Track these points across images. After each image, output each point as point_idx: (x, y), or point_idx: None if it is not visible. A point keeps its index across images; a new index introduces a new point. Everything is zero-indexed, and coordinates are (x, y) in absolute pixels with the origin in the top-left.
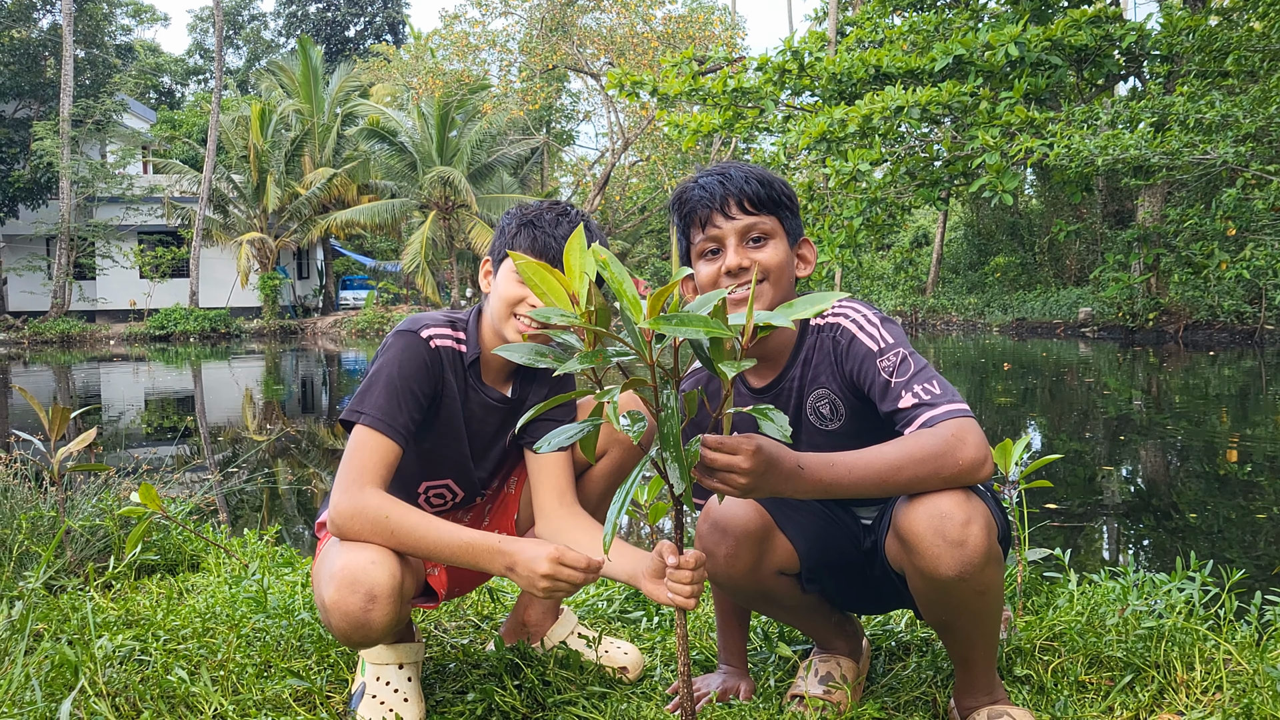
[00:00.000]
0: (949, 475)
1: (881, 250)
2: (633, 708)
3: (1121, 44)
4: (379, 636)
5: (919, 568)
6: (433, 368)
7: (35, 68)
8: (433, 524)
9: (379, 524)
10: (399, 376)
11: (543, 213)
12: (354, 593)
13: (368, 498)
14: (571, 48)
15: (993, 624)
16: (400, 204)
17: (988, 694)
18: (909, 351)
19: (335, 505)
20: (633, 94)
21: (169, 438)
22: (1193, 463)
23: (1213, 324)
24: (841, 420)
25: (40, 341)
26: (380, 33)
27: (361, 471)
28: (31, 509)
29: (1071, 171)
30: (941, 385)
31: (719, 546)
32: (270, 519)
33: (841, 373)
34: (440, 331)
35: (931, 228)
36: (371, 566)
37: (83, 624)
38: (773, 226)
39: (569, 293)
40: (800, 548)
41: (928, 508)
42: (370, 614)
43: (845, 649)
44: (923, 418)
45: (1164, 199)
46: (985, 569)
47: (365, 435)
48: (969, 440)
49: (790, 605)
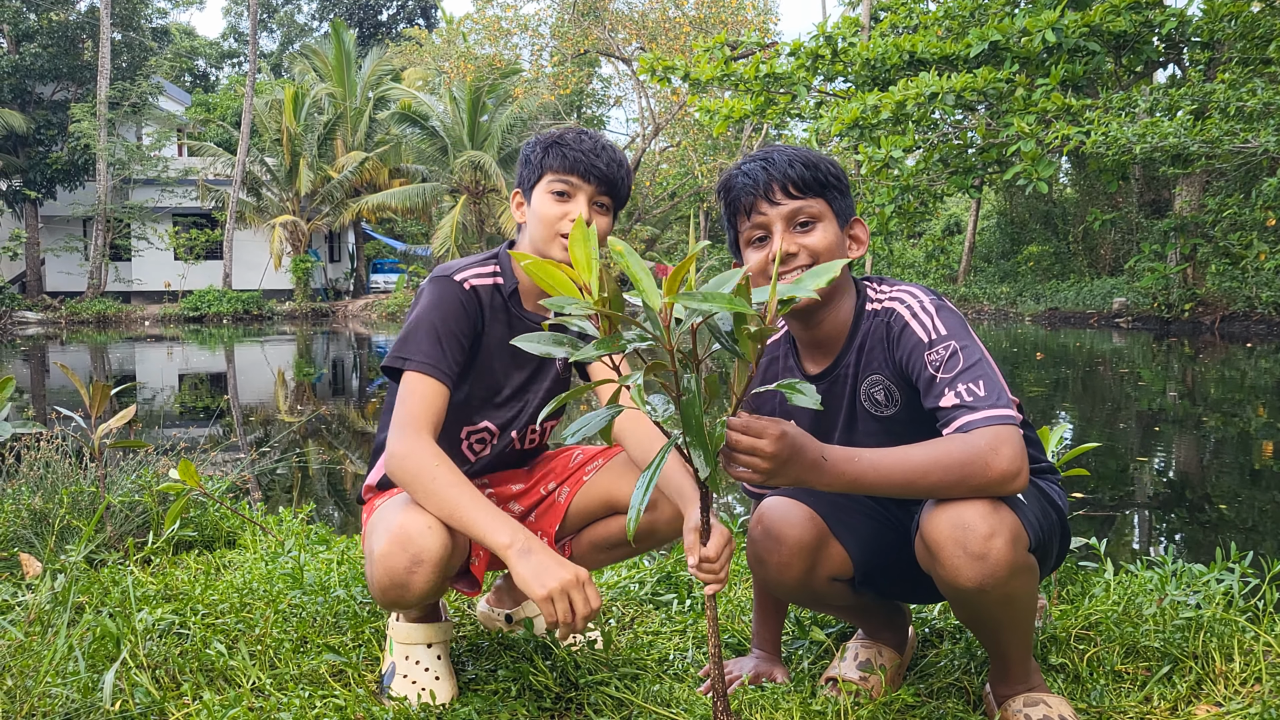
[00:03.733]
0: (977, 485)
1: (913, 238)
2: (665, 689)
3: (1161, 30)
4: (413, 600)
5: (940, 576)
6: (469, 309)
7: (73, 50)
8: (468, 497)
9: (425, 473)
10: (439, 320)
11: (565, 132)
12: (404, 551)
13: (424, 444)
14: (603, 32)
15: (1025, 624)
16: (431, 188)
17: (1023, 681)
18: (961, 344)
19: (392, 447)
20: (664, 79)
21: (202, 417)
22: (1227, 455)
23: (1250, 315)
24: (897, 406)
25: (77, 321)
26: (412, 17)
27: (416, 417)
28: (72, 484)
29: (1108, 160)
30: (988, 386)
31: (771, 555)
32: (302, 499)
33: (893, 359)
34: (473, 272)
35: (964, 216)
36: (427, 531)
37: (123, 597)
38: (820, 209)
39: (579, 284)
40: (854, 554)
41: (950, 517)
42: (413, 576)
43: (892, 640)
44: (959, 421)
45: (1202, 188)
46: (1010, 581)
47: (415, 380)
48: (1003, 451)
49: (840, 605)
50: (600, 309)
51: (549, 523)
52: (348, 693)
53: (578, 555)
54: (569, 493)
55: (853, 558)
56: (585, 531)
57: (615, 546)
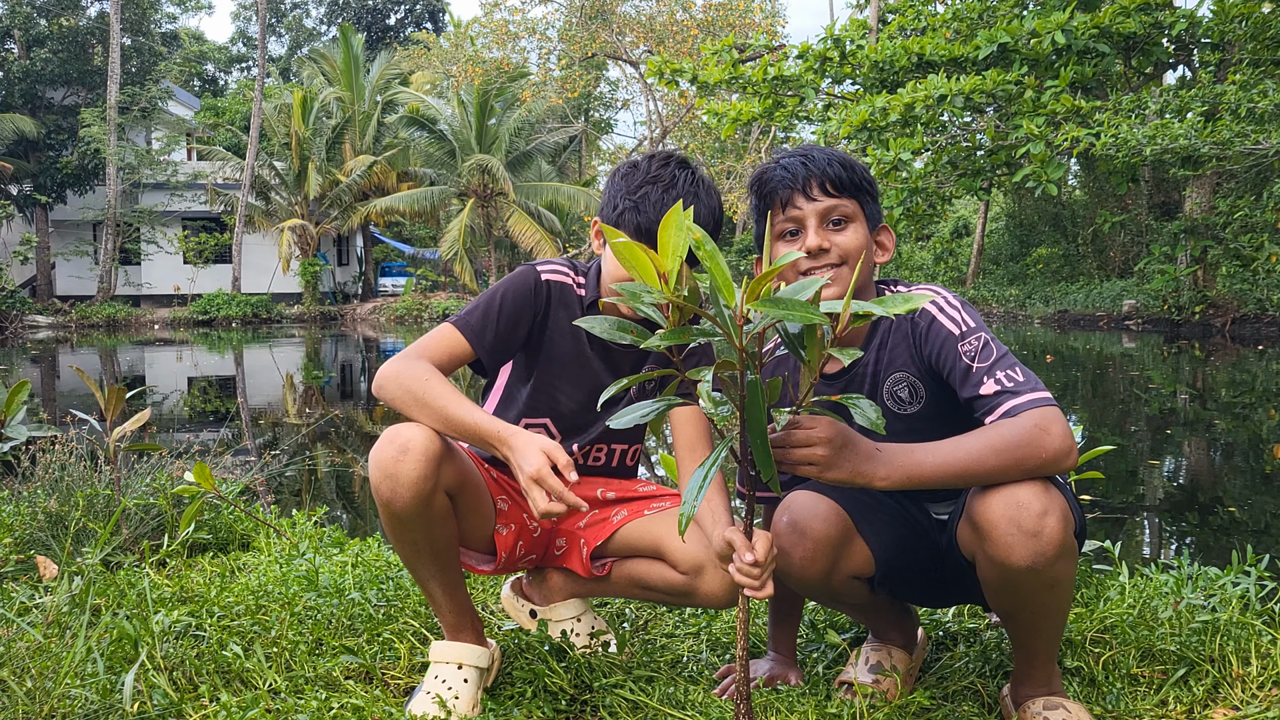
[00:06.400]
0: (1033, 466)
1: (921, 240)
2: (680, 691)
3: (1171, 31)
4: (406, 494)
5: (991, 556)
6: (538, 297)
7: (83, 55)
8: (458, 400)
9: (416, 385)
10: (499, 297)
11: (650, 183)
12: (391, 444)
13: (418, 365)
14: (611, 35)
15: (1060, 617)
16: (439, 191)
17: (1044, 685)
18: (990, 337)
19: (385, 367)
20: (672, 82)
21: (212, 420)
22: (1238, 458)
23: (1261, 317)
24: (922, 403)
25: (87, 325)
26: (420, 21)
27: (424, 348)
28: (88, 487)
29: (1118, 161)
30: (1024, 373)
31: (795, 549)
32: (314, 502)
33: (920, 356)
34: (556, 269)
35: (972, 218)
36: (412, 428)
37: (140, 600)
38: (854, 210)
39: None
40: (877, 554)
41: (1005, 496)
42: (400, 464)
43: (900, 640)
44: (1005, 406)
45: (1212, 190)
46: (1058, 562)
47: (444, 329)
48: (1053, 430)
49: (855, 603)
50: (674, 299)
51: (594, 536)
52: (364, 694)
53: (614, 578)
54: (625, 517)
55: (875, 556)
56: (629, 562)
57: (650, 589)
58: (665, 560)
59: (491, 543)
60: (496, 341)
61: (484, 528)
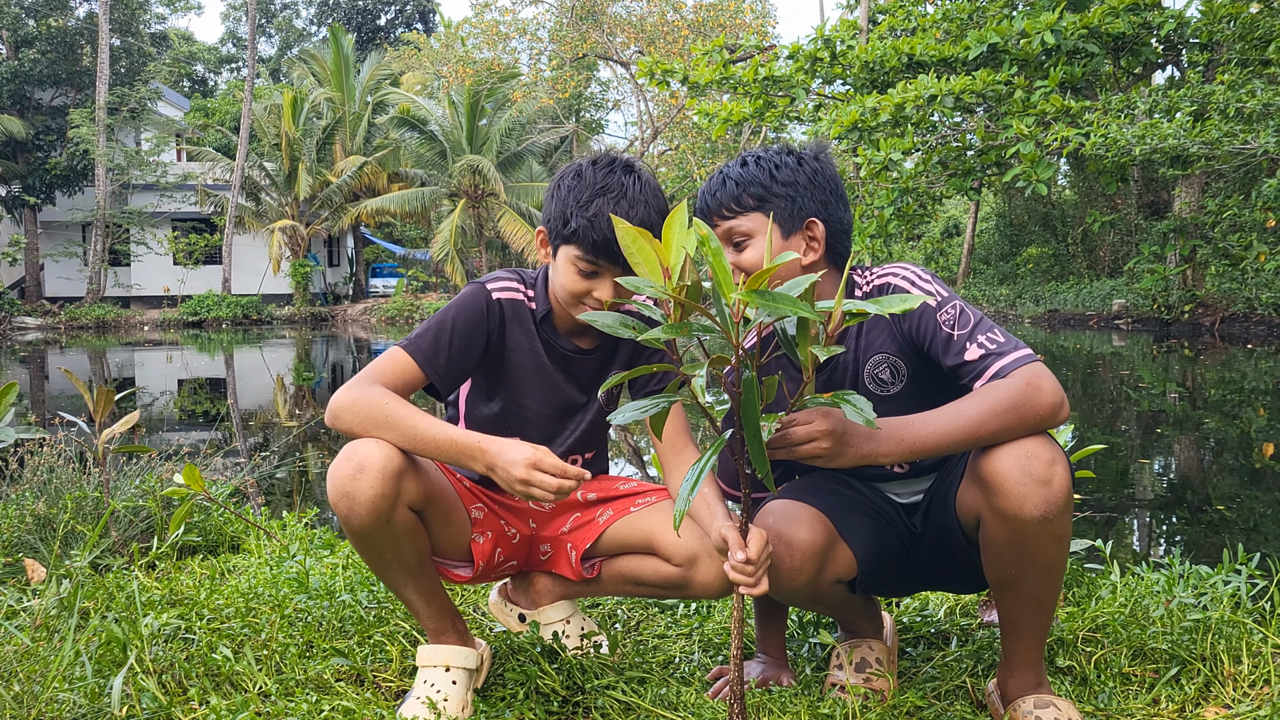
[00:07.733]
0: (1032, 423)
1: (912, 240)
2: (671, 692)
3: (1160, 32)
4: (364, 512)
5: (1002, 510)
6: (490, 317)
7: (72, 56)
8: (426, 419)
9: (376, 410)
10: (451, 320)
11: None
12: (348, 462)
13: (374, 391)
14: (601, 36)
15: (1055, 585)
16: (430, 192)
17: (1034, 681)
18: (965, 304)
19: (337, 395)
20: (663, 82)
21: (202, 422)
22: (1229, 457)
23: (1250, 317)
24: (904, 382)
25: (76, 327)
26: (411, 21)
27: (376, 373)
28: (76, 489)
29: (1107, 161)
30: (1004, 334)
31: (783, 560)
32: (304, 504)
33: (900, 331)
34: (506, 285)
35: (963, 218)
36: (370, 444)
37: (129, 603)
38: (752, 225)
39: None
40: (860, 556)
41: (1013, 448)
42: (356, 482)
43: (870, 630)
44: (994, 368)
45: (1201, 189)
46: (1065, 512)
47: (396, 353)
48: (1045, 386)
49: (833, 604)
50: (676, 296)
51: (581, 539)
52: (355, 696)
53: (604, 577)
54: (611, 516)
55: (858, 559)
56: (619, 560)
57: (643, 584)
58: (658, 554)
59: (469, 551)
60: (450, 365)
61: (459, 538)
